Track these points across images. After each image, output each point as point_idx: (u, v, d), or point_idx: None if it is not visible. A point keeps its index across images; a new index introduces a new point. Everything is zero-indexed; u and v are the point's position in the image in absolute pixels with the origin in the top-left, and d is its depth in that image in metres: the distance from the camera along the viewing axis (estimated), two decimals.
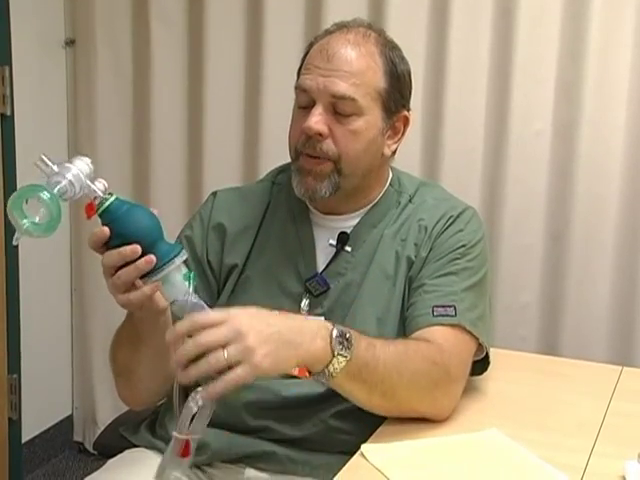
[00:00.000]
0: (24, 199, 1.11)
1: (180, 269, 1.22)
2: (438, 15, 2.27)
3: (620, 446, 1.32)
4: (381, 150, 1.52)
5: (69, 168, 1.15)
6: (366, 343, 1.32)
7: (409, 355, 1.36)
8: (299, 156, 1.48)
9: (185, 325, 1.19)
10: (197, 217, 1.60)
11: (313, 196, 1.49)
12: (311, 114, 1.45)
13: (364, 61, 1.46)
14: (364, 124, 1.47)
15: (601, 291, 2.22)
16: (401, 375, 1.34)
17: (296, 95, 1.51)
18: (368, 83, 1.46)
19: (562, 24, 2.17)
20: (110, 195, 1.20)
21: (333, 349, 1.27)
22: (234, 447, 1.46)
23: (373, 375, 1.32)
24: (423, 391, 1.38)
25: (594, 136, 2.18)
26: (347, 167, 1.47)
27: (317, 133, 1.44)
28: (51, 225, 1.12)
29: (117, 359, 1.46)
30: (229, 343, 1.17)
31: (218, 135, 2.54)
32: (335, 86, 1.44)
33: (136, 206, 1.22)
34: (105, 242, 1.22)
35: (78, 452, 2.90)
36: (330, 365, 1.27)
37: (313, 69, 1.46)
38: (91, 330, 2.79)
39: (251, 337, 1.18)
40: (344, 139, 1.45)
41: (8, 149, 2.46)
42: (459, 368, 1.43)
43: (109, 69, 2.65)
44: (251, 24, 2.46)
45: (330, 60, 1.45)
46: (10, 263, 2.48)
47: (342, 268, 1.52)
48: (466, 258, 1.50)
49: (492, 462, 1.28)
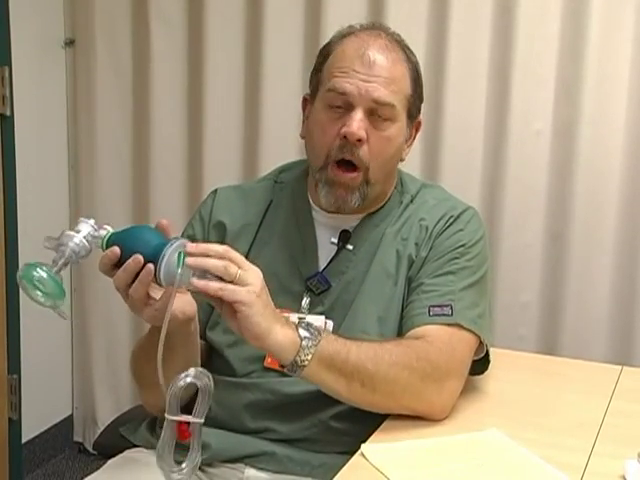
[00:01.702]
0: (30, 277, 1.19)
1: (174, 253, 1.21)
2: (437, 15, 2.27)
3: (620, 446, 1.33)
4: (401, 155, 1.54)
5: (71, 236, 1.22)
6: (335, 336, 1.35)
7: (386, 348, 1.37)
8: (327, 165, 1.47)
9: (221, 250, 1.22)
10: (197, 216, 1.61)
11: (343, 207, 1.49)
12: (352, 119, 1.44)
13: (399, 68, 1.48)
14: (396, 131, 1.48)
15: (601, 291, 2.23)
16: (377, 365, 1.35)
17: (326, 96, 1.48)
18: (402, 90, 1.48)
19: (562, 23, 2.17)
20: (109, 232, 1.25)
21: (300, 334, 1.30)
22: (234, 447, 1.46)
23: (346, 364, 1.33)
24: (406, 385, 1.37)
25: (594, 136, 2.18)
26: (374, 175, 1.48)
27: (358, 139, 1.44)
28: (56, 294, 1.20)
29: (144, 372, 1.46)
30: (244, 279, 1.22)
31: (218, 135, 2.54)
32: (377, 92, 1.44)
33: (130, 227, 1.27)
34: (115, 265, 1.23)
35: (78, 452, 2.90)
36: (300, 352, 1.29)
37: (352, 73, 1.45)
38: (91, 330, 2.79)
39: (260, 289, 1.24)
40: (378, 146, 1.46)
41: (8, 149, 2.46)
42: (451, 364, 1.42)
43: (109, 69, 2.65)
44: (251, 24, 2.46)
45: (371, 66, 1.45)
46: (10, 263, 2.48)
47: (344, 266, 1.52)
48: (465, 257, 1.50)
49: (492, 462, 1.28)
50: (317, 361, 1.31)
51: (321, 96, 1.49)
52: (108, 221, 2.91)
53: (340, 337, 1.35)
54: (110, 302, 2.72)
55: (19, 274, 1.19)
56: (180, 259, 1.19)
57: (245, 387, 1.49)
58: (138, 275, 1.21)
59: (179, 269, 1.18)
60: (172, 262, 1.20)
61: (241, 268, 1.23)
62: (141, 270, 1.20)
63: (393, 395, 1.38)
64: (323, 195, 1.49)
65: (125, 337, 2.75)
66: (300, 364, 1.30)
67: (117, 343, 2.77)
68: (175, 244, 1.21)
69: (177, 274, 1.19)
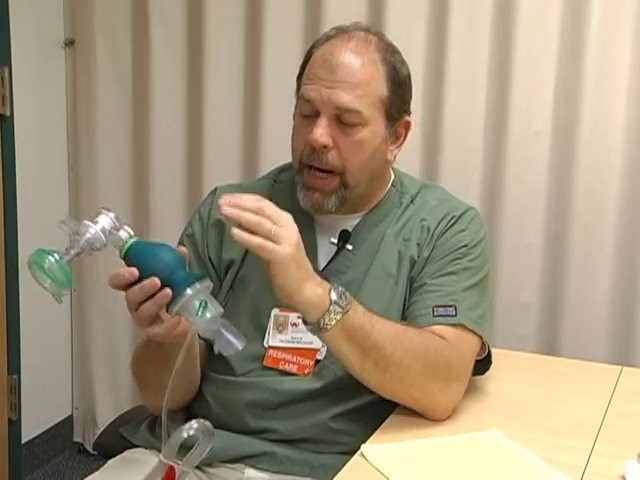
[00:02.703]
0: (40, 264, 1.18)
1: (197, 297, 1.19)
2: (437, 15, 2.27)
3: (620, 446, 1.33)
4: (384, 157, 1.52)
5: (88, 226, 1.21)
6: (365, 309, 1.35)
7: (408, 334, 1.38)
8: (303, 169, 1.48)
9: (255, 206, 1.24)
10: (197, 215, 1.61)
11: (320, 210, 1.49)
12: (316, 126, 1.44)
13: (367, 71, 1.45)
14: (368, 134, 1.47)
15: (601, 291, 2.22)
16: (394, 347, 1.35)
17: (298, 103, 1.50)
18: (372, 93, 1.46)
19: (561, 23, 2.17)
20: (131, 237, 1.23)
21: (331, 298, 1.30)
22: (234, 447, 1.46)
23: (366, 340, 1.34)
24: (417, 375, 1.38)
25: (594, 136, 2.18)
26: (352, 179, 1.47)
27: (322, 146, 1.44)
28: (64, 284, 1.19)
29: (144, 375, 1.48)
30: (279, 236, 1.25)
31: (218, 135, 2.55)
32: (339, 98, 1.43)
33: (155, 244, 1.24)
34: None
35: (78, 452, 2.91)
36: (326, 314, 1.30)
37: (317, 80, 1.45)
38: (91, 330, 2.79)
39: (295, 248, 1.27)
40: (349, 150, 1.46)
41: (8, 149, 2.46)
42: (461, 365, 1.44)
43: (109, 69, 2.65)
44: (250, 24, 2.46)
45: (334, 71, 1.44)
46: (10, 263, 2.48)
47: (343, 266, 1.52)
48: (467, 258, 1.50)
49: (492, 462, 1.28)
50: (339, 328, 1.31)
51: (297, 103, 1.50)
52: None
53: (368, 312, 1.36)
54: (110, 302, 2.72)
55: (30, 259, 1.18)
56: (201, 307, 1.17)
57: (244, 386, 1.48)
58: (153, 295, 1.20)
59: (198, 315, 1.17)
60: (192, 305, 1.17)
61: (276, 224, 1.25)
62: (157, 292, 1.19)
63: (402, 381, 1.38)
64: (301, 199, 1.50)
65: (125, 337, 2.75)
66: (322, 326, 1.31)
67: (117, 343, 2.77)
68: (199, 287, 1.18)
69: (197, 319, 1.17)
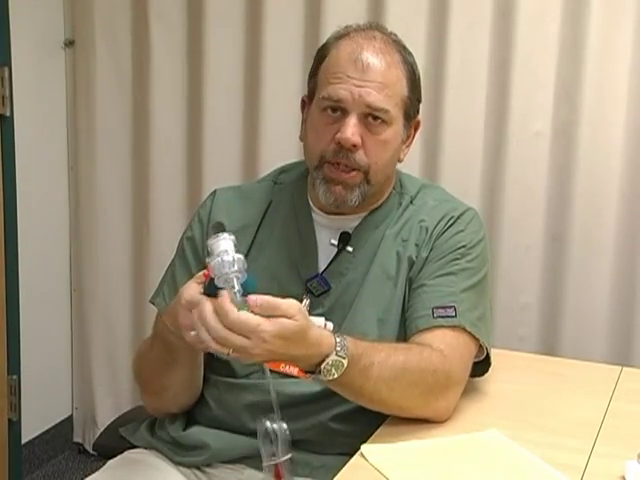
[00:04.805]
0: None
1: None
2: (437, 15, 2.26)
3: (620, 446, 1.33)
4: (398, 157, 1.54)
5: (227, 260, 1.21)
6: (359, 352, 1.32)
7: (407, 366, 1.36)
8: (323, 164, 1.47)
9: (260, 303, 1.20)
10: (196, 217, 1.60)
11: (342, 205, 1.49)
12: (346, 125, 1.43)
13: (394, 71, 1.47)
14: (392, 133, 1.48)
15: (600, 291, 2.22)
16: (391, 390, 1.35)
17: (319, 101, 1.47)
18: (397, 93, 1.47)
19: (561, 24, 2.17)
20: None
21: (326, 368, 1.28)
22: (234, 448, 1.46)
23: (363, 391, 1.34)
24: (414, 399, 1.39)
25: (593, 137, 2.17)
26: (375, 176, 1.48)
27: (352, 145, 1.44)
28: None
29: (148, 378, 1.48)
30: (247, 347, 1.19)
31: (218, 135, 2.54)
32: (371, 97, 1.43)
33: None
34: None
35: (78, 453, 2.90)
36: (322, 376, 1.28)
37: (346, 78, 1.45)
38: (91, 330, 2.79)
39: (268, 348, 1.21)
40: (375, 149, 1.46)
41: (8, 150, 2.46)
42: (460, 372, 1.44)
43: (109, 69, 2.65)
44: (250, 24, 2.46)
45: (365, 70, 1.44)
46: (10, 263, 2.47)
47: (343, 268, 1.52)
48: (466, 259, 1.50)
49: (492, 462, 1.28)
50: (336, 384, 1.32)
51: (317, 101, 1.49)
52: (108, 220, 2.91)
53: (362, 358, 1.32)
54: (110, 302, 2.72)
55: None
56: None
57: (245, 388, 1.48)
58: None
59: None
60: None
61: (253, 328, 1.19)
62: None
63: (402, 409, 1.40)
64: (321, 193, 1.48)
65: (125, 337, 2.75)
66: (321, 379, 1.30)
67: (117, 343, 2.77)
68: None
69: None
